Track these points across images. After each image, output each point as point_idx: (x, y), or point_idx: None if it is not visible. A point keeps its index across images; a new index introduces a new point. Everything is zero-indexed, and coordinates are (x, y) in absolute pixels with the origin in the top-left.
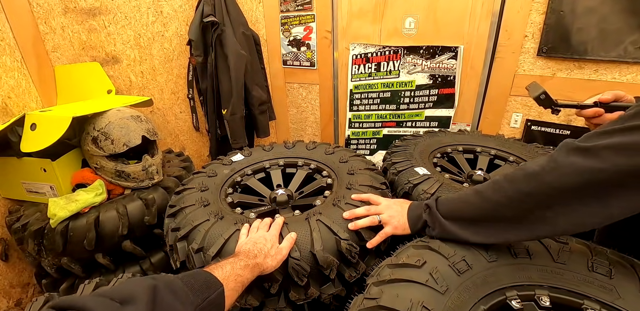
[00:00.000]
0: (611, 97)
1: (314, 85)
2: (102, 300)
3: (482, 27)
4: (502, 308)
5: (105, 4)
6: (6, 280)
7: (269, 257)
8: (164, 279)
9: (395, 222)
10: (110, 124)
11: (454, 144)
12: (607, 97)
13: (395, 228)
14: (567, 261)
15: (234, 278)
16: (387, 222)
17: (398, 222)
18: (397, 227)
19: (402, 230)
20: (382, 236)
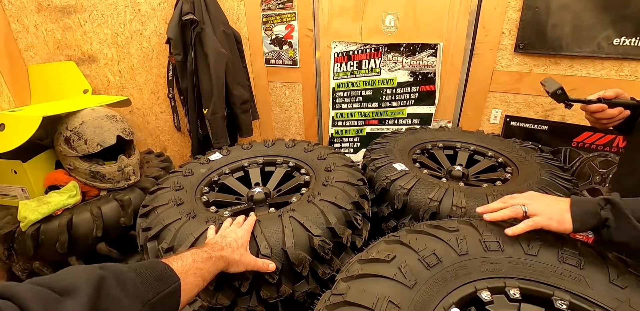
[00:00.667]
0: (613, 94)
1: (297, 84)
2: (39, 290)
3: (461, 24)
4: (472, 301)
5: (81, 2)
6: None
7: (236, 252)
8: (113, 269)
9: (550, 213)
10: (83, 124)
11: (434, 140)
12: (609, 94)
13: (550, 220)
14: (537, 253)
15: (194, 272)
16: (537, 213)
17: (554, 214)
18: (552, 219)
19: (559, 225)
20: (530, 226)
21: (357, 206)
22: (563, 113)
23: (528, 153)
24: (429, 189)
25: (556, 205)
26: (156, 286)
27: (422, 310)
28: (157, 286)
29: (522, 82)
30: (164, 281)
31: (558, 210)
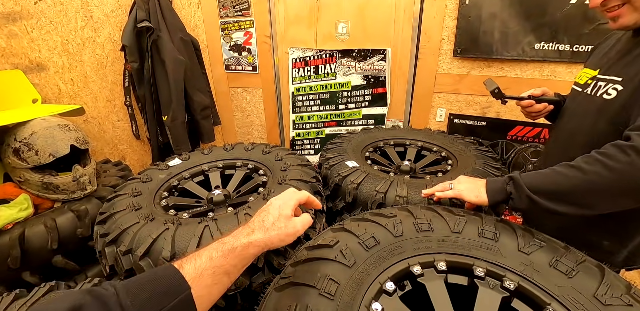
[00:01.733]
0: (540, 92)
1: (257, 89)
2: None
3: (406, 31)
4: (406, 275)
5: (27, 9)
6: None
7: (273, 228)
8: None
9: (469, 189)
10: (34, 134)
11: (386, 139)
12: (537, 92)
13: (469, 193)
14: (461, 230)
15: (212, 272)
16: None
17: (473, 190)
18: (471, 193)
19: (477, 199)
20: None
21: None
22: (498, 110)
23: (467, 146)
24: (376, 183)
25: (475, 183)
26: (158, 302)
27: (359, 284)
28: (156, 303)
29: (461, 83)
30: (170, 293)
31: (476, 187)
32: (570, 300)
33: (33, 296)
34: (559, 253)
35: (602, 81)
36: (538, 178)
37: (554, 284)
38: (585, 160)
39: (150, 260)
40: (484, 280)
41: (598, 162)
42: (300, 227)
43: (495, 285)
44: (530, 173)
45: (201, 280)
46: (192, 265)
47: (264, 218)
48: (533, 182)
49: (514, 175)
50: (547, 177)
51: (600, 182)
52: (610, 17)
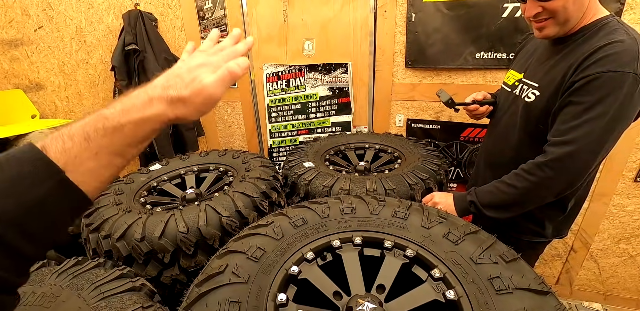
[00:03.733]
0: (481, 97)
1: (237, 102)
2: None
3: (363, 46)
4: (327, 248)
5: (28, 36)
6: None
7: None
8: None
9: (444, 207)
10: None
11: (347, 143)
12: (479, 97)
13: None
14: (379, 212)
15: (93, 153)
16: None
17: (446, 207)
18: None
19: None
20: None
21: (265, 195)
22: (450, 114)
23: (416, 147)
24: (325, 179)
25: (448, 203)
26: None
27: (283, 253)
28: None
29: (415, 91)
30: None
31: (450, 206)
32: (452, 261)
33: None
34: (454, 226)
35: (525, 85)
36: (488, 198)
37: (443, 250)
38: (516, 177)
39: (125, 242)
40: (391, 250)
41: (524, 179)
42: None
43: (399, 254)
44: (481, 192)
45: (78, 165)
46: (61, 146)
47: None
48: (486, 202)
49: (473, 199)
50: (495, 196)
51: (530, 194)
52: (536, 27)
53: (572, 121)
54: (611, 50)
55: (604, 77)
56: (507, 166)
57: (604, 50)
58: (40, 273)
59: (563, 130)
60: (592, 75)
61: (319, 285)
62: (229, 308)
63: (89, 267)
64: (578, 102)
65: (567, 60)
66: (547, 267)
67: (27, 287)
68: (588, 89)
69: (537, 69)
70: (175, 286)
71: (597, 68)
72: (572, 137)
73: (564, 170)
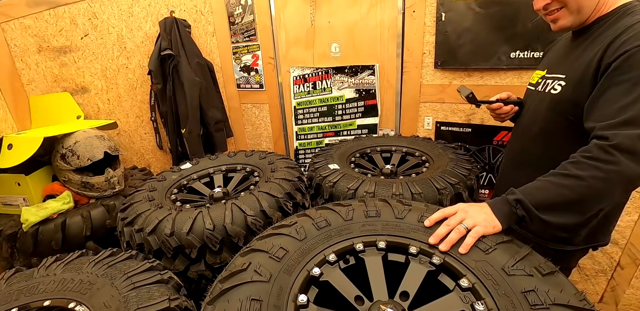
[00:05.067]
0: (506, 96)
1: (264, 105)
2: None
3: (391, 47)
4: (350, 251)
5: (75, 43)
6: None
7: None
8: None
9: (484, 222)
10: (77, 143)
11: (374, 146)
12: (503, 96)
13: (486, 228)
14: (405, 216)
15: None
16: (475, 224)
17: (487, 222)
18: (488, 226)
19: (494, 229)
20: (476, 237)
21: (289, 196)
22: (482, 117)
23: (446, 151)
24: (350, 181)
25: (484, 213)
26: None
27: (306, 254)
28: None
29: (445, 93)
30: None
31: (488, 217)
32: (482, 271)
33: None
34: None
35: (550, 79)
36: (541, 195)
37: (472, 259)
38: (577, 166)
39: (155, 236)
40: (417, 257)
41: (590, 167)
42: None
43: (425, 261)
44: (528, 189)
45: None
46: None
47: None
48: (539, 200)
49: (519, 197)
50: (550, 191)
51: (601, 186)
52: (550, 19)
53: (622, 100)
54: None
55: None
56: (538, 165)
57: (634, 28)
58: (79, 262)
59: (615, 110)
60: (631, 51)
61: (340, 288)
62: (250, 305)
63: (122, 258)
64: (623, 81)
65: (592, 48)
66: (590, 283)
67: (68, 274)
68: (630, 64)
69: (559, 63)
70: (201, 281)
71: (634, 42)
72: (630, 116)
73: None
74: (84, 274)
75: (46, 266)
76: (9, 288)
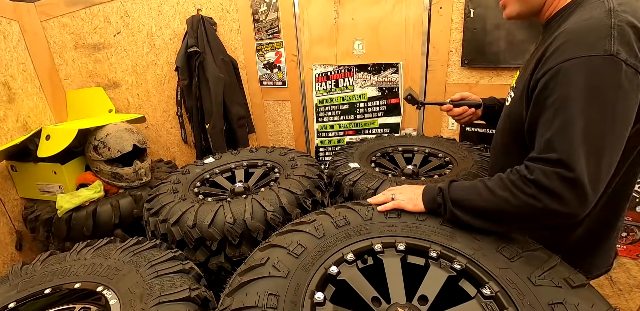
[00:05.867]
0: (458, 97)
1: (286, 102)
2: None
3: (416, 45)
4: (368, 252)
5: (108, 40)
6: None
7: None
8: None
9: (407, 198)
10: (108, 135)
11: (395, 145)
12: (456, 97)
13: (407, 203)
14: (426, 219)
15: None
16: (401, 198)
17: (410, 199)
18: (409, 202)
19: (415, 207)
20: (395, 205)
21: (309, 193)
22: None
23: (470, 152)
24: (370, 181)
25: (414, 192)
26: None
27: (324, 252)
28: None
29: (471, 92)
30: None
31: (415, 196)
32: (506, 279)
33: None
34: (508, 240)
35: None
36: (461, 192)
37: (496, 266)
38: (498, 184)
39: (178, 227)
40: (437, 260)
41: (507, 190)
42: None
43: (446, 265)
44: (457, 184)
45: None
46: None
47: None
48: (456, 196)
49: (443, 186)
50: (469, 193)
51: (506, 208)
52: (501, 5)
53: (546, 132)
54: (571, 35)
55: (564, 68)
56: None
57: (563, 36)
58: (107, 248)
59: (541, 142)
60: (552, 70)
61: (358, 288)
62: (267, 299)
63: (147, 247)
64: (548, 106)
65: (538, 51)
66: (623, 299)
67: (97, 259)
68: (553, 85)
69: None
70: (220, 273)
71: (556, 59)
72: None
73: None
74: (111, 260)
75: (77, 251)
76: (44, 269)
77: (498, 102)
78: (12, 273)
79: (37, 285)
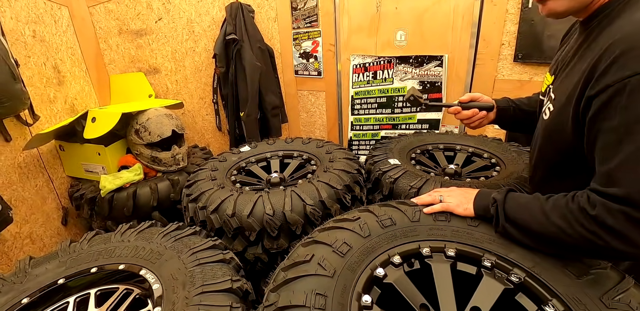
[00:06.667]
0: (467, 98)
1: (321, 92)
2: None
3: (464, 37)
4: (415, 255)
5: (150, 26)
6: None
7: None
8: None
9: (458, 202)
10: (149, 120)
11: (435, 143)
12: (465, 98)
13: (457, 207)
14: (479, 225)
15: None
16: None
17: (461, 203)
18: (459, 206)
19: (465, 211)
20: (441, 208)
21: (348, 188)
22: None
23: (520, 155)
24: (413, 179)
25: (464, 196)
26: None
27: (370, 252)
28: None
29: (523, 90)
30: None
31: (465, 200)
32: (573, 298)
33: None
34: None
35: (550, 95)
36: (515, 209)
37: (561, 283)
38: (555, 209)
39: (218, 215)
40: (491, 271)
41: (563, 218)
42: None
43: (501, 276)
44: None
45: None
46: None
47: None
48: (511, 212)
49: (498, 197)
50: (522, 212)
51: (562, 237)
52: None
53: (609, 161)
54: (631, 42)
55: (630, 86)
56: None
57: (621, 44)
58: (149, 232)
59: (603, 175)
60: (612, 87)
61: (405, 293)
62: (315, 299)
63: (187, 233)
64: (609, 130)
65: (584, 59)
66: None
67: (140, 242)
68: (612, 108)
69: (562, 72)
70: (256, 263)
71: (616, 73)
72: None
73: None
74: (154, 244)
75: (122, 232)
76: (90, 248)
77: (513, 103)
78: (61, 250)
79: (84, 263)
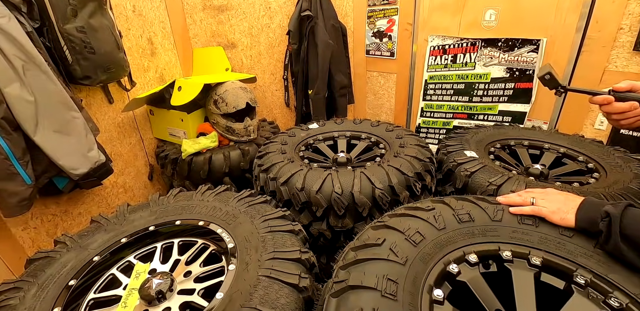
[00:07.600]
0: (626, 86)
1: (392, 74)
2: None
3: (570, 18)
4: (493, 256)
5: (231, 2)
6: (149, 193)
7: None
8: None
9: (555, 209)
10: (226, 91)
11: (519, 138)
12: (621, 86)
13: (552, 214)
14: (573, 235)
15: None
16: (544, 205)
17: (559, 210)
18: (555, 214)
19: (562, 221)
20: (534, 211)
21: (419, 176)
22: None
23: (627, 162)
24: (492, 175)
25: (565, 203)
26: None
27: (443, 246)
28: None
29: None
30: None
31: (564, 208)
32: None
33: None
34: None
35: None
36: (636, 227)
37: None
38: None
39: (287, 188)
40: (584, 289)
41: None
42: None
43: (597, 298)
44: (637, 216)
45: None
46: None
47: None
48: (631, 229)
49: (613, 212)
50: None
51: None
52: None
53: None
54: None
55: None
56: None
57: None
58: (225, 195)
59: None
60: None
61: (480, 295)
62: (386, 285)
63: (259, 201)
64: None
65: None
66: None
67: (217, 203)
68: None
69: None
70: (319, 239)
71: None
72: None
73: None
74: (229, 206)
75: (201, 192)
76: (176, 203)
77: None
78: (152, 201)
79: (170, 215)
